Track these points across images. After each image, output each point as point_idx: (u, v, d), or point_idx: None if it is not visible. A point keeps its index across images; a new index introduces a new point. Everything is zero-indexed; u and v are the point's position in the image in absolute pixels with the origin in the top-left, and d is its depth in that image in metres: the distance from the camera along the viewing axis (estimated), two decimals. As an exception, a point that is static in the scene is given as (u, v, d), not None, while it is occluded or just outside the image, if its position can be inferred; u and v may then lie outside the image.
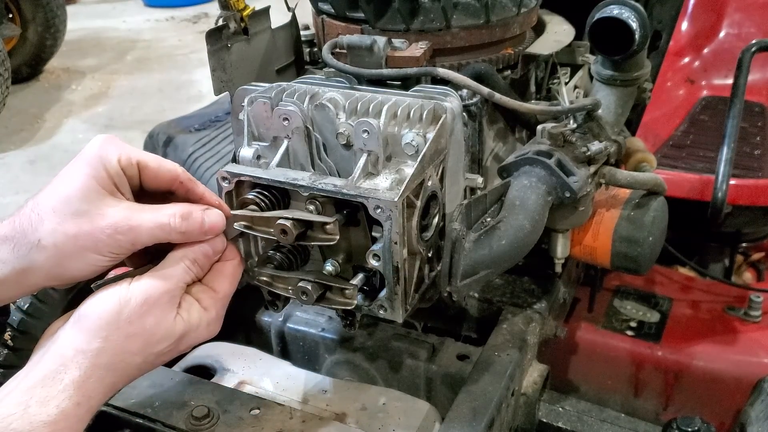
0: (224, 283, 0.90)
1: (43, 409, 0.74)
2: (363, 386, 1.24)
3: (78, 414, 0.77)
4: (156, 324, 0.82)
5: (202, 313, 0.86)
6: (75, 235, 0.81)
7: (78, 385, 0.77)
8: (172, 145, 2.65)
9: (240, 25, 1.18)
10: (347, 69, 1.06)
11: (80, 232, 0.81)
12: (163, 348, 0.83)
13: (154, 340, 0.82)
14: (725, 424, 1.50)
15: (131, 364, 0.82)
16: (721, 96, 2.11)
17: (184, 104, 4.65)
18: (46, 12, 5.24)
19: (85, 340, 0.79)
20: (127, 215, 0.82)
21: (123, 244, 0.82)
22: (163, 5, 7.61)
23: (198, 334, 0.87)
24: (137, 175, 0.86)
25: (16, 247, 0.82)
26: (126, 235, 0.82)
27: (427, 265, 0.98)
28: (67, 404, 0.75)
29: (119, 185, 0.84)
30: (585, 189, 1.08)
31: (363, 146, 0.88)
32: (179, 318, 0.84)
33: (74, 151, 0.86)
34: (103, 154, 0.83)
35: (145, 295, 0.81)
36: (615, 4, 1.11)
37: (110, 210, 0.81)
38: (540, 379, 1.20)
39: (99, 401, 0.80)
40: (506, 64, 1.23)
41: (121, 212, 0.82)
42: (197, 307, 0.87)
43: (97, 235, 0.81)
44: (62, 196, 0.82)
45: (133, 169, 0.85)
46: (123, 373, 0.82)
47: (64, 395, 0.76)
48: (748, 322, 1.63)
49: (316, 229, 0.88)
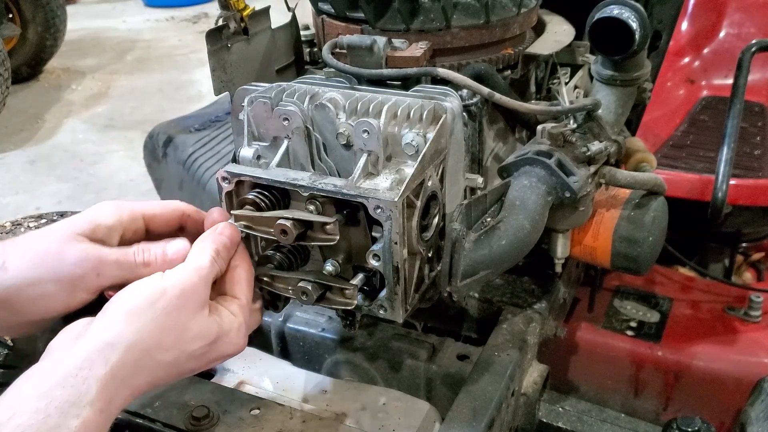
0: (243, 288, 0.88)
1: (64, 420, 0.66)
2: (363, 386, 1.24)
3: (98, 423, 0.70)
4: (191, 318, 0.79)
5: (232, 317, 0.84)
6: (39, 261, 0.81)
7: (103, 384, 0.70)
8: (172, 145, 2.65)
9: (240, 25, 1.18)
10: (347, 69, 1.06)
11: (45, 259, 0.81)
12: (196, 348, 0.80)
13: (189, 337, 0.78)
14: (725, 424, 1.50)
15: (161, 363, 0.77)
16: (721, 96, 2.11)
17: (184, 104, 4.66)
18: (46, 12, 5.25)
19: (116, 332, 0.74)
20: (95, 247, 0.84)
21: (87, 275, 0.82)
22: (163, 5, 7.62)
23: (230, 339, 0.84)
24: (143, 228, 0.90)
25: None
26: (91, 263, 0.82)
27: (427, 265, 0.98)
28: (89, 413, 0.68)
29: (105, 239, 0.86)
30: (585, 189, 1.08)
31: (363, 146, 0.88)
32: (213, 318, 0.82)
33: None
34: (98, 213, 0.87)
35: (181, 285, 0.79)
36: (615, 4, 1.11)
37: (80, 244, 0.83)
38: (540, 379, 1.20)
39: (118, 407, 0.74)
40: (506, 64, 1.23)
41: (90, 245, 0.83)
42: (226, 312, 0.85)
43: (62, 262, 0.81)
44: (45, 231, 0.84)
45: (139, 222, 0.89)
46: (150, 374, 0.77)
47: (87, 400, 0.68)
48: (748, 322, 1.63)
49: (316, 229, 0.88)
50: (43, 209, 2.98)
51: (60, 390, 0.67)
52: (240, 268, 0.89)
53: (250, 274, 0.90)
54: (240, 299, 0.87)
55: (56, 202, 3.64)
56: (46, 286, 0.81)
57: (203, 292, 0.81)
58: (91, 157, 4.16)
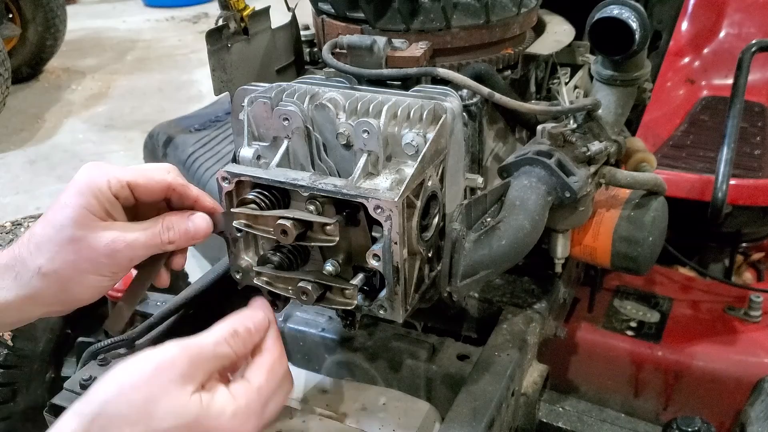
0: (258, 374, 0.80)
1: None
2: (363, 386, 1.24)
3: None
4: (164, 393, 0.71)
5: (228, 400, 0.75)
6: (74, 261, 0.84)
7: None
8: (172, 145, 2.65)
9: (240, 25, 1.18)
10: (347, 69, 1.06)
11: (79, 258, 0.84)
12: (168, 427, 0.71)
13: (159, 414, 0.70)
14: (725, 424, 1.51)
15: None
16: (721, 96, 2.10)
17: (184, 104, 4.66)
18: (46, 12, 5.25)
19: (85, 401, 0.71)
20: (121, 235, 0.85)
21: (121, 262, 0.85)
22: (163, 5, 7.61)
23: (219, 424, 0.73)
24: (131, 195, 0.89)
25: (18, 275, 0.85)
26: (123, 253, 0.85)
27: (427, 265, 0.98)
28: None
29: (110, 209, 0.87)
30: (585, 189, 1.08)
31: (363, 146, 0.88)
32: (196, 397, 0.73)
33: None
34: (92, 183, 0.86)
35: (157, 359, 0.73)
36: (615, 4, 1.11)
37: (105, 233, 0.84)
38: (540, 379, 1.20)
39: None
40: (506, 64, 1.23)
41: (115, 233, 0.85)
42: (223, 394, 0.75)
43: (96, 258, 0.84)
44: (57, 225, 0.85)
45: (125, 191, 0.88)
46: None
47: None
48: (748, 322, 1.63)
49: (316, 230, 0.88)
50: (43, 209, 2.97)
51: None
52: (266, 354, 0.83)
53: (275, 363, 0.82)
54: (250, 383, 0.78)
55: (56, 202, 3.65)
56: (88, 278, 0.85)
57: (185, 367, 0.73)
58: (91, 157, 4.15)
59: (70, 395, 1.06)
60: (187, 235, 0.89)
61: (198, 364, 0.75)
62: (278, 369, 0.83)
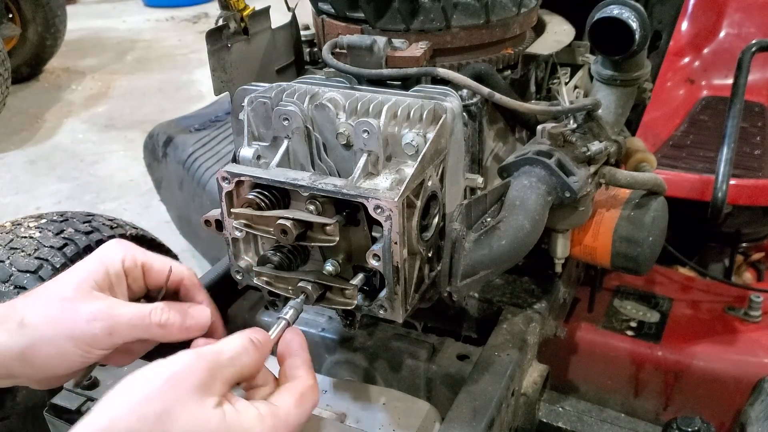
0: (287, 400, 0.75)
1: None
2: (363, 386, 1.24)
3: None
4: (181, 405, 0.66)
5: (257, 419, 0.70)
6: (55, 318, 0.80)
7: None
8: (172, 145, 2.65)
9: (240, 25, 1.18)
10: (347, 69, 1.06)
11: (60, 316, 0.80)
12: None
13: (175, 427, 0.66)
14: (725, 424, 1.51)
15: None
16: (721, 96, 2.10)
17: (184, 104, 4.66)
18: (46, 12, 5.25)
19: (92, 418, 0.66)
20: (109, 304, 0.82)
21: (99, 335, 0.80)
22: (163, 5, 7.61)
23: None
24: (141, 277, 0.88)
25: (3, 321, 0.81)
26: (103, 322, 0.80)
27: (427, 265, 0.98)
28: None
29: (116, 284, 0.86)
30: (585, 189, 1.08)
31: (363, 146, 0.88)
32: (219, 411, 0.68)
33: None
34: (109, 253, 0.86)
35: (173, 368, 0.69)
36: (615, 4, 1.11)
37: (94, 302, 0.82)
38: (540, 379, 1.20)
39: None
40: (506, 64, 1.23)
41: (103, 302, 0.82)
42: (250, 411, 0.70)
43: (75, 323, 0.80)
44: (60, 282, 0.84)
45: (137, 270, 0.88)
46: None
47: None
48: (748, 322, 1.63)
49: (316, 230, 0.88)
50: (43, 209, 2.97)
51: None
52: (299, 382, 0.78)
53: (306, 393, 0.77)
54: (278, 408, 0.73)
55: (56, 202, 3.64)
56: (62, 343, 0.80)
57: (202, 376, 0.68)
58: (91, 157, 4.16)
59: (70, 395, 1.05)
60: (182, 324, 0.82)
61: (216, 372, 0.70)
62: (309, 399, 0.77)
